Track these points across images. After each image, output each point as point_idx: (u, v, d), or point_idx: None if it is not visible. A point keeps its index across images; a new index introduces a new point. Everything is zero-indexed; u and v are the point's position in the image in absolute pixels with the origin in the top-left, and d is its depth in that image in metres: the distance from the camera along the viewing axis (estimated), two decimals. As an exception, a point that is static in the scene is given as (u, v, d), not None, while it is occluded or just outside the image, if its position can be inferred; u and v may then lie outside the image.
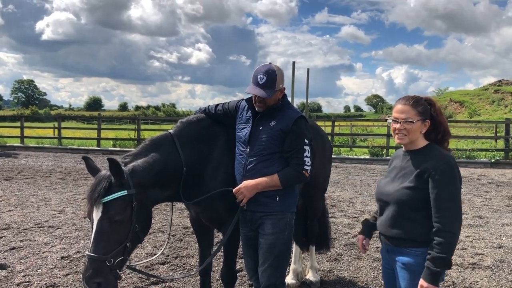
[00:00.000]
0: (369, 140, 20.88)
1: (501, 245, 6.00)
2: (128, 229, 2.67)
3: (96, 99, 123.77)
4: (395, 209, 2.39)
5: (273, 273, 2.94)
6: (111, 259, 2.58)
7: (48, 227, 6.63)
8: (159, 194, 2.95)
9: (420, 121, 2.39)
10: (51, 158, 16.43)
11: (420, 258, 2.33)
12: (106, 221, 2.61)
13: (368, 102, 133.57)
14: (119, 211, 2.62)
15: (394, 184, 2.43)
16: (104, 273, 2.56)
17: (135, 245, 2.82)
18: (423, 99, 2.46)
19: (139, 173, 2.77)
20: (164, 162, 2.91)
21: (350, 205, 8.71)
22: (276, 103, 3.00)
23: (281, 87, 2.95)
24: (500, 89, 43.09)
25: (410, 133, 2.41)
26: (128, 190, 2.67)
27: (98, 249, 2.58)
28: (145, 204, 2.80)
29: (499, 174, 13.45)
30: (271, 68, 2.92)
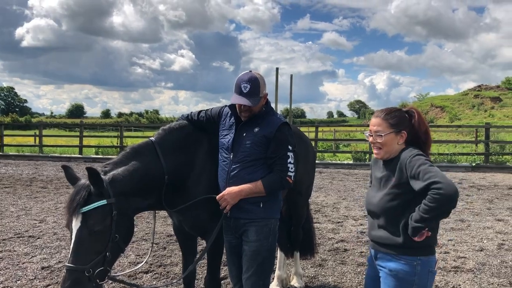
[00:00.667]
0: (352, 145, 21.01)
1: (483, 248, 6.08)
2: (108, 239, 2.63)
3: (78, 106, 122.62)
4: (383, 218, 2.40)
5: (257, 281, 2.92)
6: (90, 270, 2.53)
7: (28, 237, 6.50)
8: (141, 203, 2.92)
9: (393, 133, 2.41)
10: (32, 167, 16.16)
11: (410, 266, 2.32)
12: (85, 231, 2.56)
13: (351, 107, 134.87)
14: (98, 220, 2.58)
15: (379, 194, 2.44)
16: (82, 284, 2.51)
17: (116, 255, 2.76)
18: (397, 111, 2.47)
19: (119, 182, 2.73)
20: (145, 170, 2.88)
21: (334, 210, 8.74)
22: (260, 109, 3.00)
23: (264, 93, 2.95)
24: (479, 94, 43.86)
25: (384, 145, 2.43)
26: (108, 199, 2.62)
27: (77, 260, 2.53)
28: (126, 213, 2.75)
29: (480, 178, 13.65)
30: (253, 76, 2.92)
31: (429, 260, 2.35)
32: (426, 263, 2.34)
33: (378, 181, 2.50)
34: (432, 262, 2.37)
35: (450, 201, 2.12)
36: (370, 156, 17.61)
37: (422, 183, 2.16)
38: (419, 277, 2.31)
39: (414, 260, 2.31)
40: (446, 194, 2.09)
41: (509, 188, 11.49)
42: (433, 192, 2.11)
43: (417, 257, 2.31)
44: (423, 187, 2.16)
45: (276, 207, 3.06)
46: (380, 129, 2.42)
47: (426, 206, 2.15)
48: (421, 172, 2.19)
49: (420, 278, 2.32)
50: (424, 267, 2.33)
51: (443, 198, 2.10)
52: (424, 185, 2.16)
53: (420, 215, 2.18)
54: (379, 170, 2.53)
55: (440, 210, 2.15)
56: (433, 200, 2.12)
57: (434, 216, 2.17)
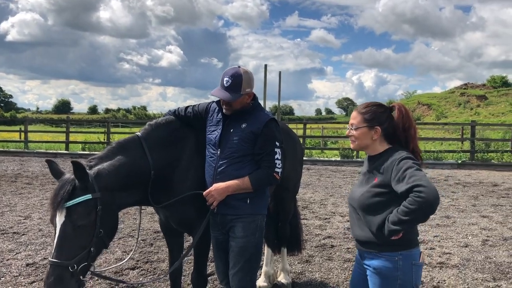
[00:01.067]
0: (340, 142, 21.12)
1: (468, 244, 6.15)
2: (92, 234, 2.60)
3: (64, 102, 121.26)
4: (362, 214, 2.41)
5: (244, 277, 2.93)
6: (74, 265, 2.51)
7: (13, 234, 6.42)
8: (126, 198, 2.89)
9: (366, 128, 2.43)
10: (17, 162, 15.95)
11: (391, 262, 2.32)
12: (69, 226, 2.53)
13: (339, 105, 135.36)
14: (82, 215, 2.55)
15: (360, 189, 2.46)
16: (66, 280, 2.49)
17: (100, 250, 2.75)
18: (376, 106, 2.48)
19: (105, 177, 2.70)
20: (131, 165, 2.85)
21: (321, 206, 8.78)
22: (246, 106, 2.98)
23: (248, 91, 2.92)
24: (466, 92, 44.38)
25: (357, 139, 2.47)
26: (93, 194, 2.59)
27: (61, 255, 2.50)
28: (110, 208, 2.72)
29: (465, 175, 13.82)
30: (237, 72, 2.91)
31: (411, 253, 2.35)
32: (408, 257, 2.34)
33: (362, 176, 2.53)
34: (415, 255, 2.36)
35: (430, 206, 2.10)
36: (358, 153, 17.72)
37: (405, 186, 2.16)
38: (402, 272, 2.31)
39: (396, 256, 2.32)
40: (427, 198, 2.08)
41: (493, 185, 11.64)
42: (414, 194, 2.11)
43: (398, 252, 2.32)
44: (406, 190, 2.16)
45: (263, 203, 3.05)
46: (354, 123, 2.47)
47: (406, 208, 2.14)
48: (406, 176, 2.18)
49: (403, 272, 2.32)
50: (406, 261, 2.33)
51: (423, 201, 2.09)
52: (407, 188, 2.15)
53: (398, 217, 2.17)
54: (365, 165, 2.55)
55: (419, 214, 2.13)
56: (413, 202, 2.11)
57: (412, 219, 2.16)
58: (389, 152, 2.40)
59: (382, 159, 2.38)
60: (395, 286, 2.33)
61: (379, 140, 2.44)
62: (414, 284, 2.35)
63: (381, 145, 2.45)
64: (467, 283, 4.71)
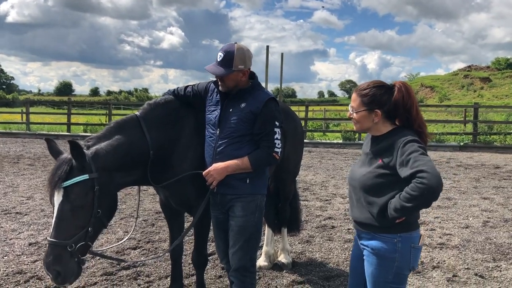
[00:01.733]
0: (342, 124, 21.06)
1: (468, 225, 6.17)
2: (90, 214, 2.60)
3: (66, 84, 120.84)
4: (362, 194, 2.36)
5: (244, 256, 2.94)
6: (72, 245, 2.52)
7: (16, 214, 6.46)
8: (125, 178, 2.88)
9: (365, 111, 2.36)
10: (19, 144, 15.99)
11: (390, 244, 2.29)
12: (67, 206, 2.54)
13: (342, 87, 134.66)
14: (80, 195, 2.55)
15: (361, 169, 2.41)
16: (64, 260, 2.51)
17: (98, 230, 2.75)
18: (375, 87, 2.37)
19: (102, 157, 2.69)
20: (129, 145, 2.84)
21: (323, 188, 8.79)
22: (244, 84, 2.95)
23: (240, 68, 2.86)
24: (469, 74, 44.03)
25: (358, 122, 2.42)
26: (90, 174, 2.59)
27: (59, 234, 2.52)
28: (108, 188, 2.72)
29: (467, 157, 13.79)
30: (231, 47, 2.87)
31: (411, 236, 2.32)
32: (408, 239, 2.30)
33: (364, 156, 2.47)
34: (414, 238, 2.33)
35: (433, 193, 2.06)
36: (360, 135, 17.69)
37: (409, 171, 2.11)
38: (400, 254, 2.29)
39: (395, 238, 2.28)
40: (430, 185, 2.04)
41: (495, 167, 11.63)
42: (417, 180, 2.07)
43: (397, 234, 2.28)
44: (409, 174, 2.11)
45: (263, 183, 3.04)
46: (354, 106, 2.41)
47: (408, 194, 2.10)
48: (410, 160, 2.13)
49: (401, 254, 2.29)
50: (405, 243, 2.30)
51: (426, 187, 2.04)
52: (410, 173, 2.10)
53: (401, 203, 2.13)
54: (367, 145, 2.49)
55: (421, 200, 2.10)
56: (415, 189, 2.07)
57: (414, 205, 2.12)
58: (394, 133, 2.34)
59: (386, 140, 2.33)
60: (391, 268, 2.30)
61: (381, 121, 2.37)
62: (411, 266, 2.34)
63: (385, 126, 2.38)
64: (467, 264, 4.74)
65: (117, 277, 4.26)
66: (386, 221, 2.26)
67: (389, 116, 2.38)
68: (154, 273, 4.39)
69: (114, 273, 4.36)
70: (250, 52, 2.94)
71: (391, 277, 2.31)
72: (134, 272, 4.38)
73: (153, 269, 4.47)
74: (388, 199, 2.25)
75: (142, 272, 4.40)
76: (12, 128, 20.59)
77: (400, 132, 2.33)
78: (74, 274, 2.58)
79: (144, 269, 4.47)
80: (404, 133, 2.30)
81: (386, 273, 2.31)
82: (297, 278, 4.35)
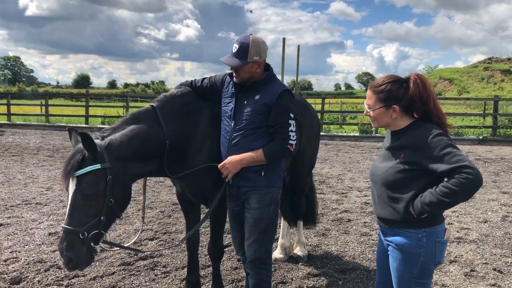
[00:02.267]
0: (359, 117, 20.89)
1: (487, 220, 6.09)
2: (102, 203, 2.65)
3: (84, 77, 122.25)
4: (384, 190, 2.33)
5: (259, 248, 2.95)
6: (84, 232, 2.58)
7: (36, 204, 6.59)
8: (140, 169, 2.91)
9: (382, 108, 2.31)
10: (38, 136, 16.26)
11: (414, 239, 2.26)
12: (79, 194, 2.60)
13: (359, 79, 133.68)
14: (91, 184, 2.60)
15: (383, 165, 2.37)
16: (76, 247, 2.57)
17: (111, 220, 2.79)
18: (390, 83, 2.31)
19: (116, 147, 2.73)
20: (144, 135, 2.86)
21: (339, 181, 8.76)
22: (259, 76, 2.94)
23: (255, 59, 2.86)
24: (489, 66, 43.15)
25: (376, 119, 2.37)
26: (102, 163, 2.63)
27: (72, 222, 2.58)
28: (122, 178, 2.75)
29: (486, 151, 13.59)
30: (246, 39, 2.87)
31: (435, 230, 2.28)
32: (432, 234, 2.27)
33: (385, 151, 2.43)
34: (439, 232, 2.29)
35: (475, 188, 2.05)
36: (377, 128, 17.55)
37: (448, 166, 2.07)
38: (425, 249, 2.25)
39: (419, 233, 2.25)
40: (475, 180, 2.03)
41: (515, 161, 11.43)
42: (461, 176, 2.03)
43: (421, 229, 2.25)
44: (449, 169, 2.07)
45: (278, 175, 3.04)
46: (370, 103, 2.35)
47: (447, 189, 2.07)
48: (447, 155, 2.09)
49: (426, 250, 2.26)
50: (430, 238, 2.26)
51: (470, 183, 2.03)
52: (450, 168, 2.07)
53: (438, 198, 2.09)
54: (387, 139, 2.45)
55: (461, 196, 2.08)
56: (459, 184, 2.04)
57: (452, 201, 2.09)
58: (414, 126, 2.29)
59: (407, 134, 2.28)
60: (417, 263, 2.27)
61: (399, 116, 2.32)
62: (437, 261, 2.30)
63: (403, 120, 2.34)
64: (485, 258, 4.68)
65: (134, 267, 4.32)
66: (409, 216, 2.23)
67: (407, 110, 2.33)
68: (171, 263, 4.44)
69: (131, 263, 4.42)
70: (265, 44, 2.93)
71: (416, 272, 2.28)
72: (151, 262, 4.44)
73: (170, 260, 4.52)
74: (413, 194, 2.21)
75: (159, 262, 4.45)
76: (31, 120, 20.93)
77: (421, 125, 2.28)
78: (85, 261, 2.65)
79: (161, 259, 4.52)
80: (425, 126, 2.25)
81: (411, 268, 2.28)
82: (313, 270, 4.36)
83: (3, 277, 4.03)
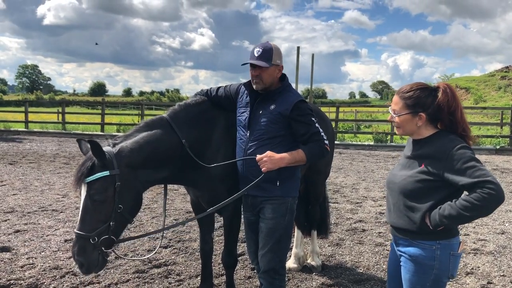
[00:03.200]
0: (373, 126, 20.80)
1: (504, 231, 5.99)
2: (111, 209, 2.70)
3: (100, 85, 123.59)
4: (401, 198, 2.30)
5: (273, 258, 2.94)
6: (95, 237, 2.65)
7: (52, 211, 6.67)
8: (153, 176, 2.95)
9: (409, 114, 2.28)
10: (55, 143, 16.48)
11: (428, 251, 2.23)
12: (90, 200, 2.67)
13: (374, 88, 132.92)
14: (100, 191, 2.67)
15: (401, 173, 2.34)
16: (87, 251, 2.65)
17: (122, 225, 2.82)
18: (419, 90, 2.30)
19: (126, 154, 2.78)
20: (156, 143, 2.90)
21: (353, 190, 8.70)
22: (275, 84, 2.95)
23: (278, 63, 2.89)
24: (507, 75, 42.64)
25: (400, 126, 2.34)
26: (111, 170, 2.69)
27: (84, 227, 2.66)
28: (132, 185, 2.79)
29: (503, 161, 13.39)
30: (268, 44, 2.91)
31: (450, 243, 2.25)
32: (447, 246, 2.24)
33: (405, 160, 2.40)
34: (454, 245, 2.27)
35: (497, 204, 2.03)
36: (392, 137, 17.43)
37: (471, 180, 2.05)
38: (439, 262, 2.23)
39: (433, 245, 2.23)
40: (497, 196, 2.01)
41: (533, 172, 11.24)
42: (484, 191, 2.01)
43: (436, 241, 2.22)
44: (471, 183, 2.05)
45: (294, 185, 3.03)
46: (396, 109, 2.32)
47: (469, 203, 2.04)
48: (470, 169, 2.07)
49: (440, 262, 2.23)
50: (444, 251, 2.23)
51: (492, 198, 2.01)
52: (472, 182, 2.04)
53: (458, 211, 2.06)
54: (408, 148, 2.42)
55: (482, 211, 2.06)
56: (481, 199, 2.01)
57: (472, 215, 2.07)
58: (437, 137, 2.27)
59: (430, 145, 2.26)
60: (430, 275, 2.24)
61: (424, 125, 2.30)
62: (450, 274, 2.27)
63: (427, 130, 2.31)
64: (502, 271, 4.60)
65: (148, 275, 4.34)
66: (426, 227, 2.21)
67: (432, 119, 2.30)
68: (184, 272, 4.45)
69: (146, 271, 4.45)
70: (281, 51, 2.98)
71: (429, 285, 2.25)
72: (165, 270, 4.46)
73: (183, 268, 4.53)
74: (431, 205, 2.19)
75: (173, 270, 4.47)
76: (48, 128, 21.23)
77: (445, 136, 2.25)
78: (97, 265, 2.71)
79: (175, 267, 4.54)
80: (450, 138, 2.23)
81: (424, 280, 2.26)
82: (327, 280, 4.33)
83: (20, 283, 4.08)
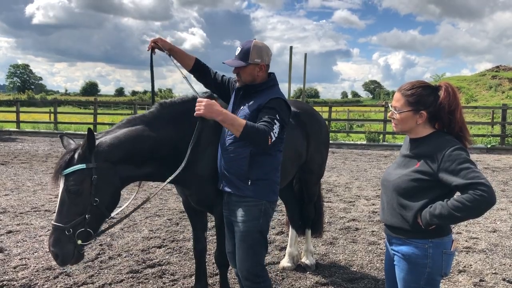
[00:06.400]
0: (366, 125, 20.86)
1: (496, 229, 6.05)
2: (87, 202, 2.73)
3: (92, 84, 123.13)
4: (395, 196, 2.31)
5: (252, 264, 2.87)
6: (70, 229, 2.69)
7: (45, 211, 6.63)
8: (135, 171, 2.95)
9: (411, 111, 2.28)
10: (47, 143, 16.38)
11: (421, 249, 2.25)
12: (66, 192, 2.71)
13: (366, 87, 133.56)
14: (76, 183, 2.70)
15: (397, 171, 2.35)
16: (62, 242, 2.68)
17: (98, 219, 2.83)
18: (421, 87, 2.30)
19: (104, 148, 2.80)
20: (137, 139, 2.90)
21: (346, 190, 8.74)
22: (260, 82, 2.91)
23: (257, 62, 2.84)
24: (497, 74, 43.04)
25: (400, 122, 2.33)
26: (87, 164, 2.72)
27: (60, 219, 2.70)
28: (110, 179, 2.81)
29: (495, 160, 13.51)
30: (249, 42, 2.90)
31: (442, 241, 2.27)
32: (440, 245, 2.26)
33: (401, 158, 2.41)
34: (446, 243, 2.29)
35: (487, 206, 2.05)
36: (384, 136, 17.52)
37: (464, 181, 2.06)
38: (432, 260, 2.24)
39: (426, 243, 2.24)
40: (488, 198, 2.02)
41: (524, 170, 11.35)
42: (476, 192, 2.03)
43: (428, 240, 2.24)
44: (464, 184, 2.06)
45: (269, 189, 2.89)
46: (397, 106, 2.32)
47: (460, 204, 2.05)
48: (464, 170, 2.08)
49: (433, 260, 2.25)
50: (437, 249, 2.25)
51: (484, 200, 2.02)
52: (465, 183, 2.06)
53: (449, 211, 2.08)
54: (405, 147, 2.43)
55: (473, 212, 2.07)
56: (472, 200, 2.03)
57: (463, 216, 2.08)
58: (434, 137, 2.28)
59: (426, 144, 2.27)
60: (423, 274, 2.26)
61: (422, 124, 2.31)
62: (443, 272, 2.29)
63: (425, 129, 2.32)
64: (494, 268, 4.65)
65: (142, 275, 4.34)
66: (417, 225, 2.22)
67: (431, 118, 2.32)
68: (179, 271, 4.45)
69: (140, 271, 4.44)
70: (268, 49, 2.93)
71: (423, 283, 2.27)
72: (159, 270, 4.45)
73: (178, 268, 4.53)
74: (423, 203, 2.20)
75: (167, 270, 4.46)
76: (40, 128, 21.10)
77: (441, 137, 2.26)
78: (72, 257, 2.74)
79: (169, 267, 4.53)
80: (446, 138, 2.24)
81: (418, 279, 2.27)
82: (321, 279, 4.35)
83: (13, 284, 4.06)
